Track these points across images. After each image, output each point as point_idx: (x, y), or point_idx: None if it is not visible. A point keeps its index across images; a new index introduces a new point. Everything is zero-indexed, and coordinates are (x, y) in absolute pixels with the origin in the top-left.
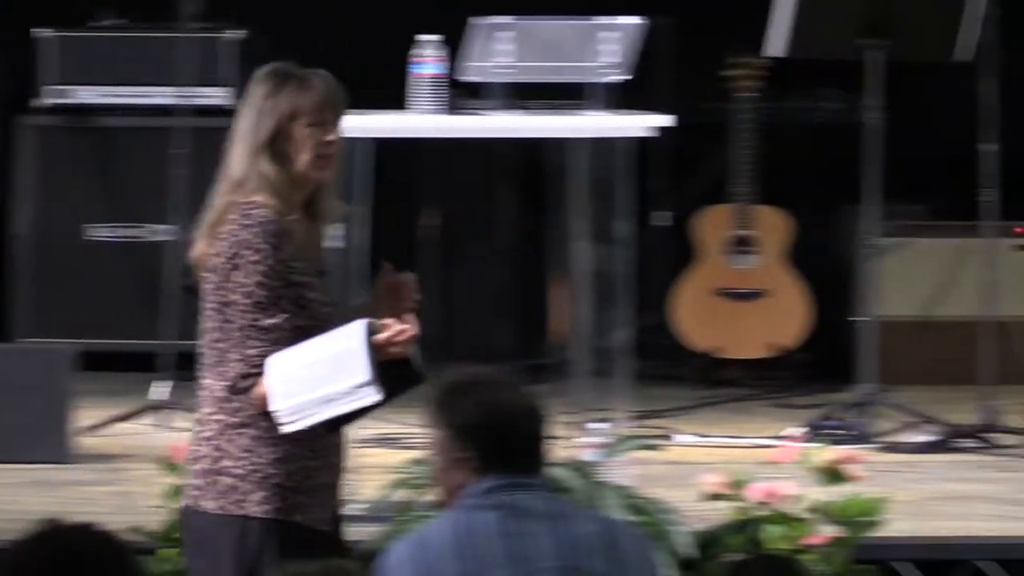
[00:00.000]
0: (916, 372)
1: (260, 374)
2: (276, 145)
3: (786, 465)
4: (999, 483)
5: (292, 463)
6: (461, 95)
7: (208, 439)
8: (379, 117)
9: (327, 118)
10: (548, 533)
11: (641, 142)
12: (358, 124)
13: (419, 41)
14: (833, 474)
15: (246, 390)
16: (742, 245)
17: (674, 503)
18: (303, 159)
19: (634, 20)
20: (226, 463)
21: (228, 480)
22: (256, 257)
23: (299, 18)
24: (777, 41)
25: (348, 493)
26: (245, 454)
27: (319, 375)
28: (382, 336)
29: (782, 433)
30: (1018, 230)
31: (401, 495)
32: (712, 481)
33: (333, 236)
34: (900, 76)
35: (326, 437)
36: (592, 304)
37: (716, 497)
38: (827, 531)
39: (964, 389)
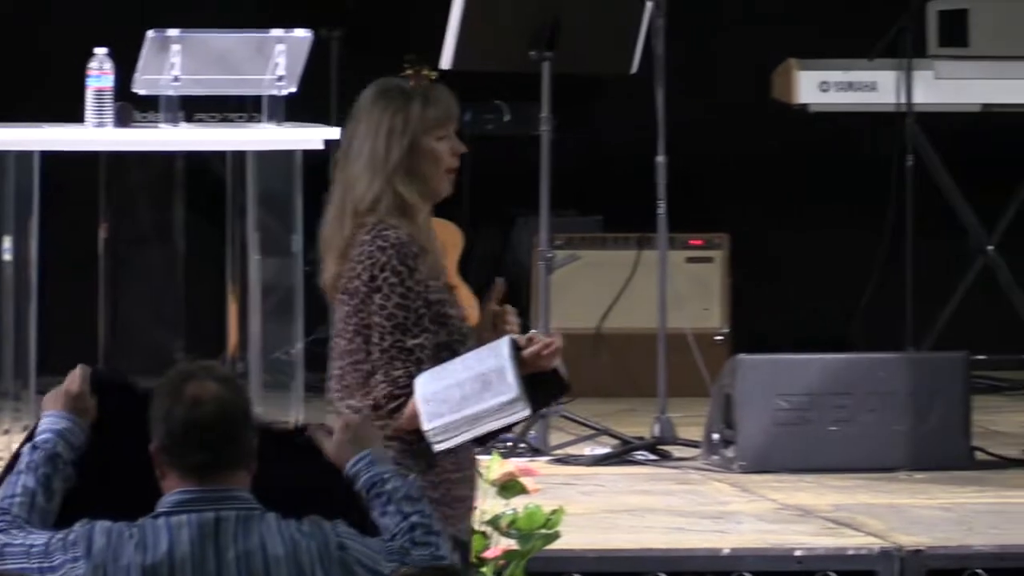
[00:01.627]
0: (592, 384)
1: (406, 395)
2: (405, 162)
3: None
4: (673, 495)
5: (435, 476)
6: (138, 107)
7: None
8: (43, 130)
9: (451, 131)
10: (234, 555)
11: (315, 155)
12: (21, 137)
13: (94, 54)
14: (508, 487)
15: (394, 411)
16: None
17: None
18: (436, 174)
19: (303, 33)
20: None
21: None
22: (395, 279)
23: None
24: (448, 53)
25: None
26: None
27: (466, 394)
28: (531, 350)
29: None
30: (692, 241)
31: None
32: None
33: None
34: (576, 88)
35: (465, 450)
36: (267, 316)
37: None
38: (502, 544)
39: (640, 401)
